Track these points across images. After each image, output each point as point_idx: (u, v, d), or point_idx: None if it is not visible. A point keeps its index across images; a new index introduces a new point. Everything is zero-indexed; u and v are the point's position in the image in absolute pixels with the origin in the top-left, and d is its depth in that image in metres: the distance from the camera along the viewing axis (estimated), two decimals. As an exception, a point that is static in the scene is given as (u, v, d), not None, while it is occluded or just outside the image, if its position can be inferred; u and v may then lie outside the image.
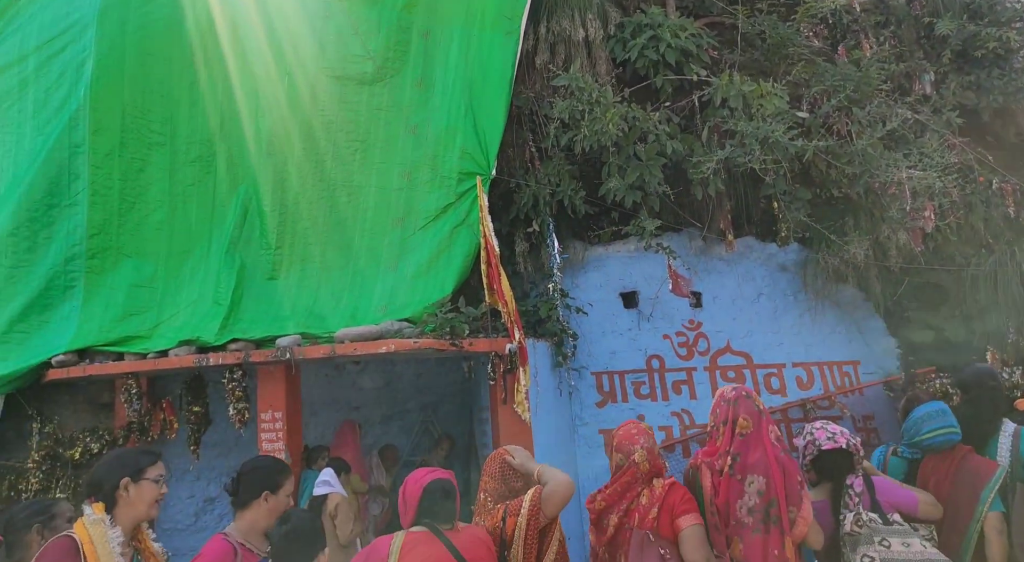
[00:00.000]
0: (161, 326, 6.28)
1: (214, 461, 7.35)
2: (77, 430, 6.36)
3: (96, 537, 2.46)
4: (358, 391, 7.86)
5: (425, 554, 2.70)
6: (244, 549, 2.64)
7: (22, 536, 2.65)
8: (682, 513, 2.93)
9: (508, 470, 3.06)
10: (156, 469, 2.62)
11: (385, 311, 6.31)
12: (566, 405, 6.36)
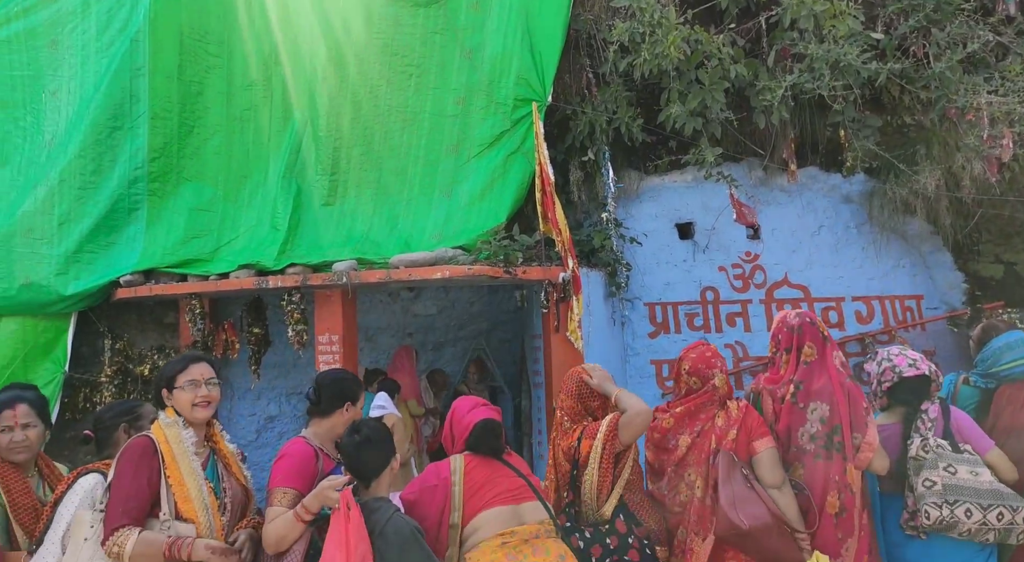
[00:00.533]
0: (221, 250, 6.42)
1: (274, 381, 7.60)
2: (145, 348, 6.62)
3: (171, 438, 2.59)
4: (412, 318, 7.98)
5: (488, 471, 2.79)
6: (323, 453, 2.74)
7: (110, 434, 2.80)
8: (759, 436, 2.93)
9: (585, 389, 3.09)
10: (185, 375, 2.67)
11: (439, 238, 6.34)
12: (618, 335, 6.36)
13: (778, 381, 3.08)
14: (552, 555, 2.65)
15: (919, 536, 2.96)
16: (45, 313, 6.04)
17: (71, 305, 6.08)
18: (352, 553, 2.36)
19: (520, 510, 2.75)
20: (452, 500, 2.75)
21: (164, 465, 2.52)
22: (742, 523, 2.73)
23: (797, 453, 2.94)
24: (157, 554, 2.39)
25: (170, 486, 2.50)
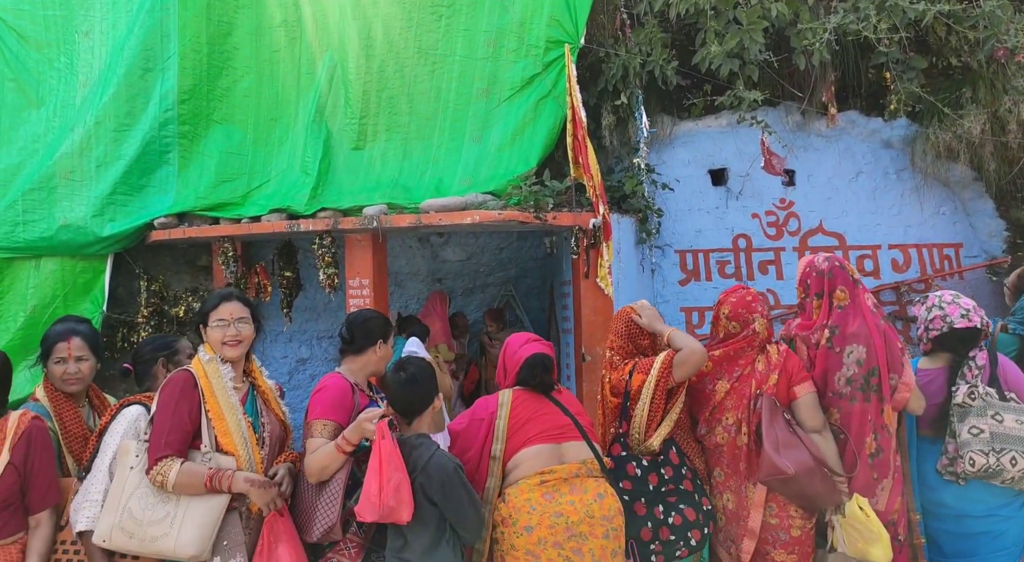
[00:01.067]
0: (252, 193, 6.45)
1: (305, 325, 7.71)
2: (180, 289, 6.73)
3: (210, 373, 2.64)
4: (441, 263, 8.00)
5: (535, 405, 2.82)
6: (358, 389, 2.79)
7: (149, 368, 2.87)
8: (800, 381, 2.92)
9: (635, 328, 3.09)
10: (216, 314, 2.70)
11: (469, 183, 6.31)
12: (648, 282, 6.33)
13: (811, 327, 3.05)
14: (590, 494, 2.66)
15: (957, 482, 2.95)
16: (83, 254, 6.15)
17: (107, 246, 6.18)
18: (386, 482, 2.42)
19: (562, 449, 2.77)
20: (495, 432, 2.79)
21: (204, 399, 2.57)
22: (788, 468, 2.74)
23: (834, 398, 2.93)
24: (198, 484, 2.45)
25: (210, 420, 2.57)
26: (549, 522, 2.60)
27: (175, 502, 2.44)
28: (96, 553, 2.47)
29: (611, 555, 2.63)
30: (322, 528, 2.54)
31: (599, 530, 2.61)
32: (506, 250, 8.09)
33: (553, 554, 2.57)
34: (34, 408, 2.72)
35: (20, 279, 6.06)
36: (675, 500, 2.88)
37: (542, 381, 2.88)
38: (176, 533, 2.40)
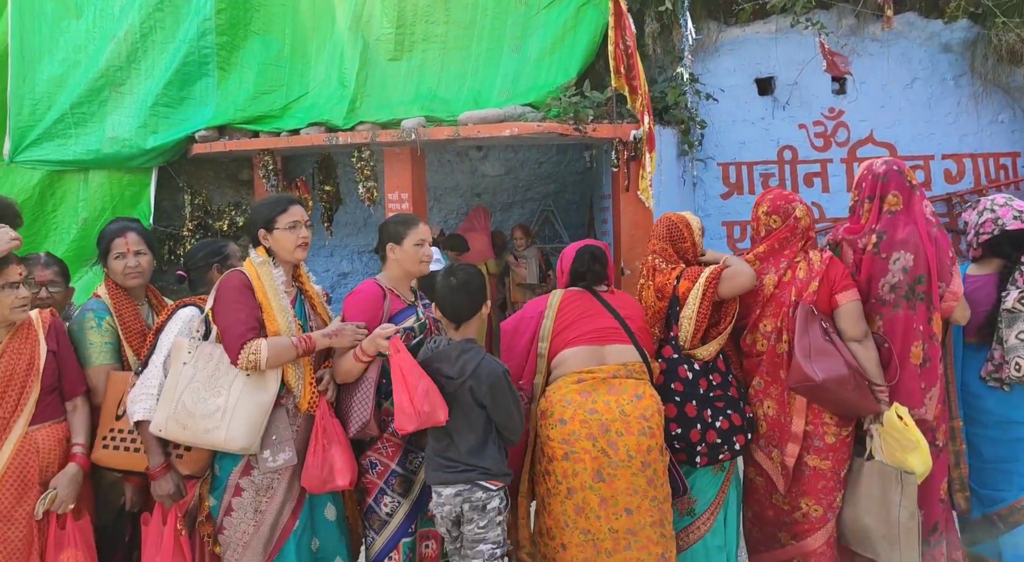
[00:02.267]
0: (291, 106, 6.44)
1: (346, 239, 7.81)
2: (222, 204, 6.83)
3: (263, 275, 2.69)
4: (480, 178, 7.96)
5: (582, 307, 2.81)
6: (392, 294, 2.82)
7: (203, 274, 2.91)
8: (842, 288, 2.83)
9: (676, 232, 3.04)
10: (287, 217, 2.70)
11: (508, 95, 6.22)
12: (689, 196, 6.24)
13: (859, 231, 2.96)
14: (627, 394, 2.67)
15: (1002, 388, 2.92)
16: (128, 167, 6.25)
17: (151, 159, 6.26)
18: (414, 391, 2.47)
19: (604, 351, 2.76)
20: (542, 331, 2.80)
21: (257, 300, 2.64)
22: (815, 375, 2.71)
23: (876, 304, 2.86)
24: (289, 352, 2.53)
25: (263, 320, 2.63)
26: (582, 417, 2.64)
27: (225, 397, 2.52)
28: (152, 441, 2.58)
29: (647, 451, 2.64)
30: (357, 424, 2.63)
31: (634, 428, 2.63)
32: (545, 164, 8.00)
33: (588, 445, 2.62)
34: (95, 305, 2.81)
35: (71, 192, 6.21)
36: (723, 405, 2.89)
37: (591, 269, 2.83)
38: (226, 426, 2.50)
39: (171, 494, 2.59)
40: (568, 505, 2.67)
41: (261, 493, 2.60)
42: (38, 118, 6.15)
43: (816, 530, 2.89)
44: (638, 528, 2.63)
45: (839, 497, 2.90)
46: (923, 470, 2.75)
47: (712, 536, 2.91)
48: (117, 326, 2.81)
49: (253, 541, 2.59)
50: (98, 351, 2.78)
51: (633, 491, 2.63)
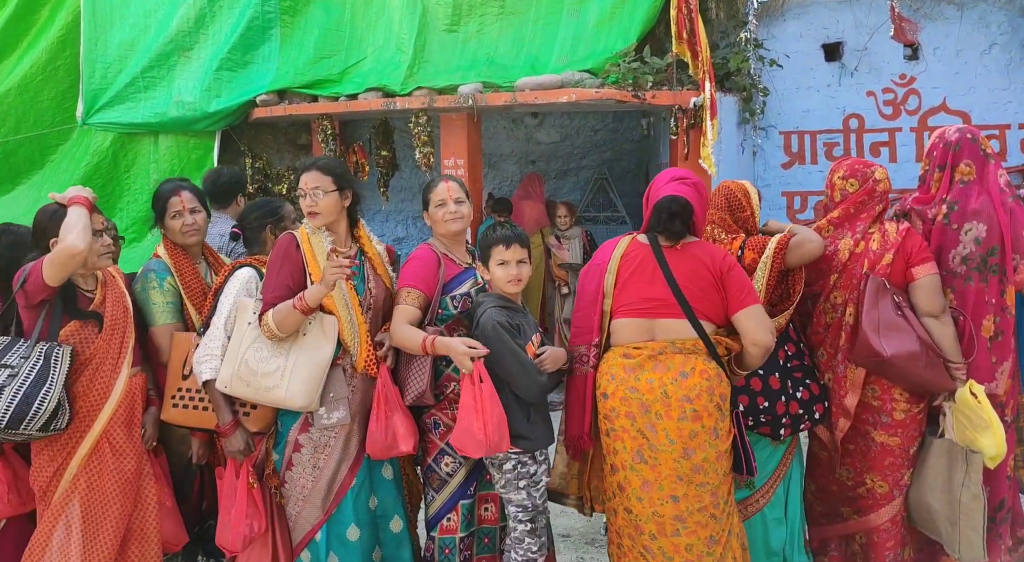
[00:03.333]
0: (349, 70, 6.47)
1: (401, 205, 7.88)
2: (282, 168, 6.94)
3: (312, 238, 2.75)
4: (535, 145, 7.92)
5: (639, 266, 2.62)
6: (447, 258, 2.83)
7: (257, 234, 2.98)
8: (919, 262, 2.73)
9: (735, 201, 2.97)
10: (299, 185, 2.73)
11: (566, 61, 6.13)
12: (749, 165, 6.11)
13: (929, 201, 2.86)
14: (672, 372, 2.51)
15: (1070, 361, 2.83)
16: (193, 130, 6.39)
17: (214, 123, 6.39)
18: (488, 419, 2.47)
19: (653, 326, 2.59)
20: (605, 285, 2.66)
21: (306, 262, 2.69)
22: (883, 350, 2.64)
23: (948, 277, 2.77)
24: (289, 312, 2.54)
25: (312, 282, 2.69)
26: (623, 394, 2.54)
27: (286, 357, 2.61)
28: (220, 400, 2.69)
29: (689, 436, 2.47)
30: (413, 393, 2.67)
31: (675, 412, 2.49)
32: (601, 132, 7.91)
33: (626, 424, 2.54)
34: (156, 265, 2.92)
35: (142, 154, 6.41)
36: (801, 375, 2.83)
37: (667, 228, 2.58)
38: (287, 385, 2.59)
39: (241, 450, 2.69)
40: (612, 481, 2.64)
41: (319, 450, 2.69)
42: (109, 82, 6.33)
43: (881, 506, 2.85)
44: (686, 515, 2.51)
45: (907, 475, 2.84)
46: (995, 453, 2.65)
47: (771, 508, 2.87)
48: (178, 285, 2.91)
49: (312, 495, 2.69)
50: (161, 310, 2.88)
51: (678, 478, 2.50)
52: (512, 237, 2.66)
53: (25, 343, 2.56)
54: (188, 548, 2.85)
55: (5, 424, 2.44)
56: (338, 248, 2.68)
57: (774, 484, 2.89)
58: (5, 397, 2.44)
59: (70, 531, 2.57)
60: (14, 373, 2.47)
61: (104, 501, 2.63)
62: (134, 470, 2.71)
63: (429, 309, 2.74)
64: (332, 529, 2.70)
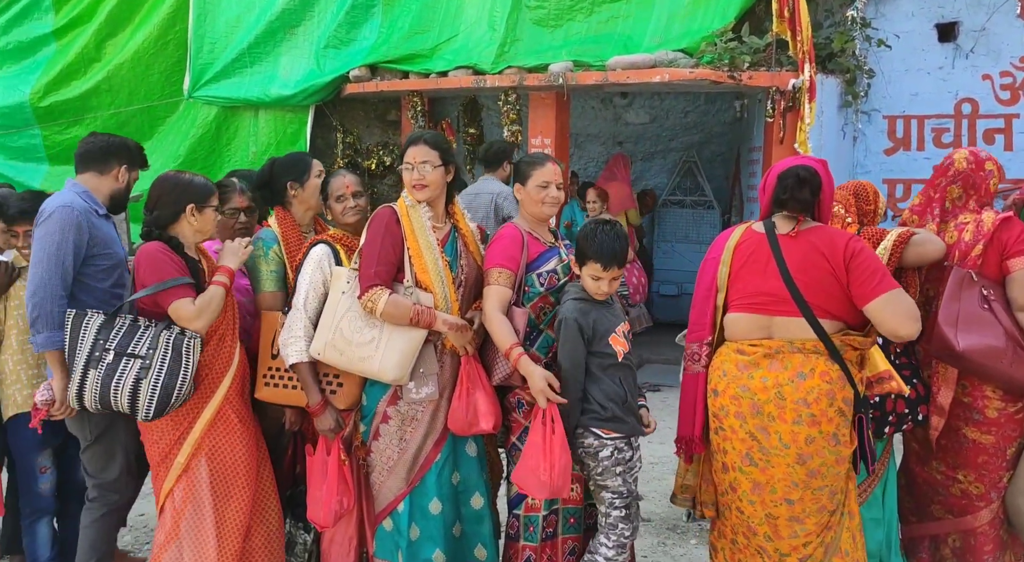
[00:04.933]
0: (441, 47, 6.51)
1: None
2: (371, 143, 7.07)
3: (411, 213, 2.78)
4: (623, 126, 7.81)
5: (752, 256, 2.47)
6: (531, 237, 2.82)
7: (325, 210, 3.00)
8: (1015, 254, 2.57)
9: (863, 191, 2.86)
10: (405, 157, 2.75)
11: (660, 40, 6.01)
12: (848, 150, 5.86)
13: (1045, 192, 2.70)
14: (789, 372, 2.35)
15: None
16: (290, 105, 6.56)
17: (308, 97, 6.55)
18: (555, 464, 2.45)
19: (771, 323, 2.43)
20: (719, 278, 2.54)
21: (405, 237, 2.72)
22: (956, 343, 2.52)
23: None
24: (404, 317, 2.63)
25: (411, 257, 2.72)
26: (734, 392, 2.42)
27: (379, 328, 2.65)
28: (309, 381, 2.73)
29: (805, 441, 2.32)
30: (501, 374, 2.68)
31: (789, 415, 2.33)
32: (692, 113, 7.73)
33: (735, 424, 2.42)
34: (265, 234, 3.01)
35: (243, 127, 6.65)
36: (909, 374, 2.73)
37: (794, 197, 2.36)
38: (380, 356, 2.63)
39: (332, 428, 2.74)
40: (723, 479, 2.53)
41: (406, 423, 2.73)
42: (215, 57, 6.57)
43: (978, 508, 2.71)
44: (803, 516, 2.38)
45: (1006, 476, 2.70)
46: None
47: (868, 508, 2.76)
48: (283, 255, 2.99)
49: (397, 467, 2.74)
50: (264, 278, 2.97)
51: (792, 484, 2.36)
52: (613, 258, 2.56)
53: (147, 329, 2.61)
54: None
55: (151, 417, 2.55)
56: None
57: (872, 483, 2.79)
58: (145, 392, 2.52)
59: (198, 491, 2.67)
60: (146, 365, 2.54)
61: (233, 462, 2.72)
62: (256, 435, 2.83)
63: (517, 287, 2.74)
64: (415, 501, 2.75)
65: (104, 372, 2.56)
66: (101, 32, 6.75)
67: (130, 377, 2.54)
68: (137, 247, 2.86)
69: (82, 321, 2.62)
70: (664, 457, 4.66)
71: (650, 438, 5.03)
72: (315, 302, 2.77)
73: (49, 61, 6.85)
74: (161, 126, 6.85)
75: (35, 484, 2.98)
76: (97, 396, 2.56)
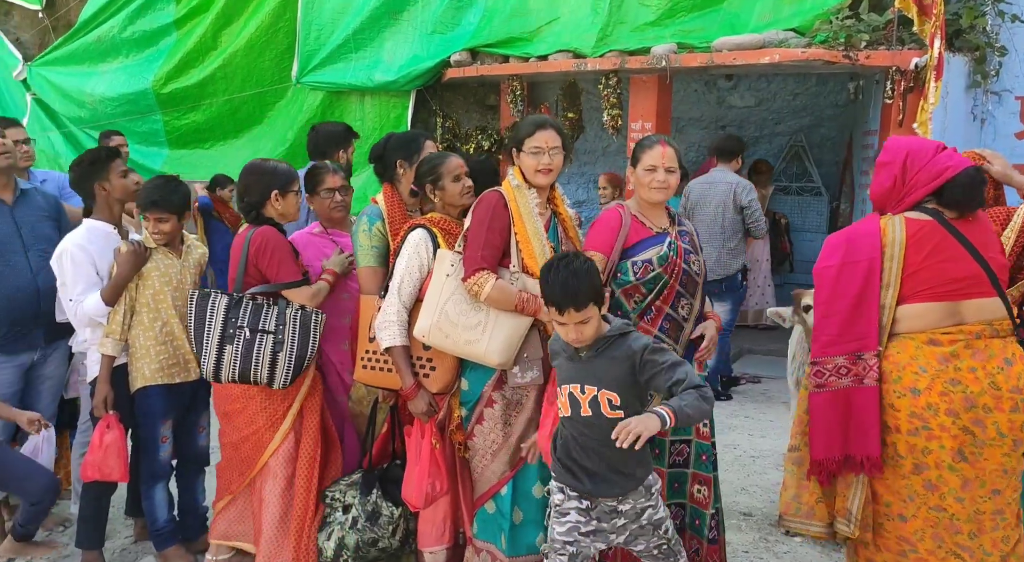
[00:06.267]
0: (541, 30, 6.44)
1: (584, 168, 7.84)
2: (470, 128, 7.10)
3: (519, 197, 2.76)
4: (727, 109, 7.57)
5: (934, 246, 2.34)
6: (636, 221, 2.76)
7: (424, 191, 3.00)
8: None
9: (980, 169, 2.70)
10: (532, 141, 2.72)
11: (769, 19, 5.76)
12: (976, 133, 5.47)
13: None
14: (995, 360, 2.26)
15: None
16: (394, 89, 6.66)
17: (410, 82, 6.61)
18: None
19: (960, 308, 2.31)
20: (886, 275, 2.35)
21: (512, 221, 2.71)
22: None
23: None
24: (509, 303, 2.63)
25: (517, 241, 2.71)
26: (941, 388, 2.27)
27: (486, 312, 2.65)
28: (402, 364, 2.77)
29: (1020, 428, 2.26)
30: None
31: (1006, 403, 2.25)
32: (802, 96, 7.41)
33: (947, 421, 2.27)
34: (371, 210, 3.09)
35: (348, 112, 6.81)
36: None
37: (974, 198, 2.31)
38: (487, 340, 2.63)
39: (425, 411, 2.79)
40: (914, 481, 2.36)
41: (511, 407, 2.74)
42: (322, 43, 6.73)
43: None
44: (1004, 506, 2.33)
45: None
46: None
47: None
48: (386, 232, 3.03)
49: (501, 451, 2.76)
50: (365, 253, 3.03)
51: (1003, 471, 2.31)
52: (569, 299, 2.24)
53: (270, 307, 2.89)
54: (367, 479, 3.03)
55: (286, 385, 2.88)
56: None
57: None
58: (282, 364, 2.84)
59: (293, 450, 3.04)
60: (279, 339, 2.84)
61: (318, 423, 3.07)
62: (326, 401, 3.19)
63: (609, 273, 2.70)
64: (518, 484, 2.76)
65: (243, 348, 2.83)
66: (218, 22, 7.01)
67: (267, 351, 2.82)
68: (243, 228, 3.01)
69: (207, 301, 2.87)
70: (765, 451, 4.53)
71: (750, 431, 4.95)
72: (410, 287, 2.81)
73: (170, 50, 7.18)
74: (270, 111, 7.09)
75: (156, 452, 3.16)
76: (237, 370, 2.84)
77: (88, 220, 3.17)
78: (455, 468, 2.87)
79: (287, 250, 2.98)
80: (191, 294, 2.93)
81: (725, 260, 5.45)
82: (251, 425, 3.00)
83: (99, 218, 3.17)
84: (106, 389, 3.02)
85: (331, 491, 3.02)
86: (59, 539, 3.53)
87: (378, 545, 2.94)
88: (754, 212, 5.45)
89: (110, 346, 3.02)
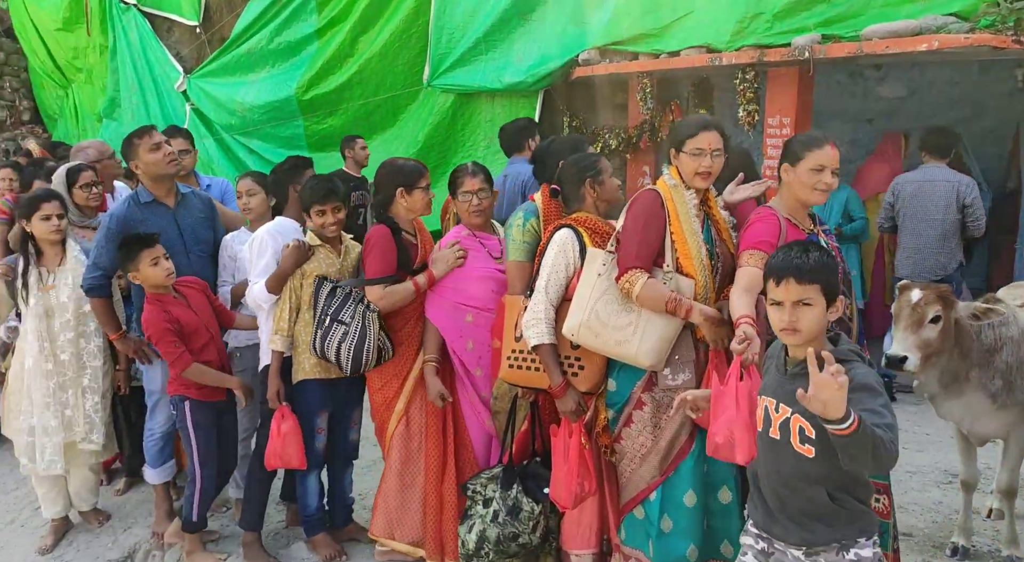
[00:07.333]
0: (673, 26, 6.27)
1: (715, 165, 7.55)
2: (597, 127, 7.02)
3: (675, 197, 2.69)
4: (874, 102, 7.12)
5: None
6: (790, 223, 2.63)
7: (576, 189, 2.92)
8: None
9: None
10: (694, 142, 2.63)
11: (925, 4, 5.37)
12: None
13: None
14: None
15: None
16: (522, 90, 6.69)
17: (538, 82, 6.61)
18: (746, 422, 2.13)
19: None
20: None
21: (668, 221, 2.64)
22: None
23: None
24: (659, 303, 2.55)
25: (673, 241, 2.64)
26: None
27: (637, 313, 2.58)
28: (551, 362, 2.75)
29: None
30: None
31: None
32: (961, 85, 6.87)
33: None
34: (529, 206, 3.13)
35: (477, 113, 6.90)
36: None
37: None
38: (637, 341, 2.57)
39: (574, 410, 2.76)
40: None
41: (661, 409, 2.66)
42: (453, 46, 6.85)
43: None
44: None
45: None
46: None
47: None
48: (540, 229, 3.05)
49: (651, 455, 2.68)
50: (515, 247, 3.07)
51: None
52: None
53: (356, 302, 3.13)
54: (508, 474, 3.00)
55: (350, 371, 3.12)
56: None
57: None
58: (345, 352, 3.10)
59: (410, 424, 3.28)
60: (348, 331, 3.09)
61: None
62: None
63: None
64: (667, 492, 2.68)
65: (321, 333, 3.12)
66: (355, 29, 7.25)
67: (335, 340, 3.10)
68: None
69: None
70: (923, 466, 4.22)
71: (906, 444, 4.63)
72: (556, 286, 2.80)
73: (312, 58, 7.50)
74: (403, 114, 7.27)
75: (312, 442, 3.29)
76: (318, 349, 3.14)
77: (280, 217, 3.49)
78: (601, 471, 2.82)
79: (383, 248, 3.13)
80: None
81: (943, 261, 5.14)
82: (380, 394, 3.31)
83: (289, 215, 3.49)
84: (277, 382, 3.21)
85: (472, 483, 3.05)
86: (221, 532, 3.74)
87: (518, 540, 2.93)
88: (976, 210, 5.09)
89: (279, 342, 3.22)
